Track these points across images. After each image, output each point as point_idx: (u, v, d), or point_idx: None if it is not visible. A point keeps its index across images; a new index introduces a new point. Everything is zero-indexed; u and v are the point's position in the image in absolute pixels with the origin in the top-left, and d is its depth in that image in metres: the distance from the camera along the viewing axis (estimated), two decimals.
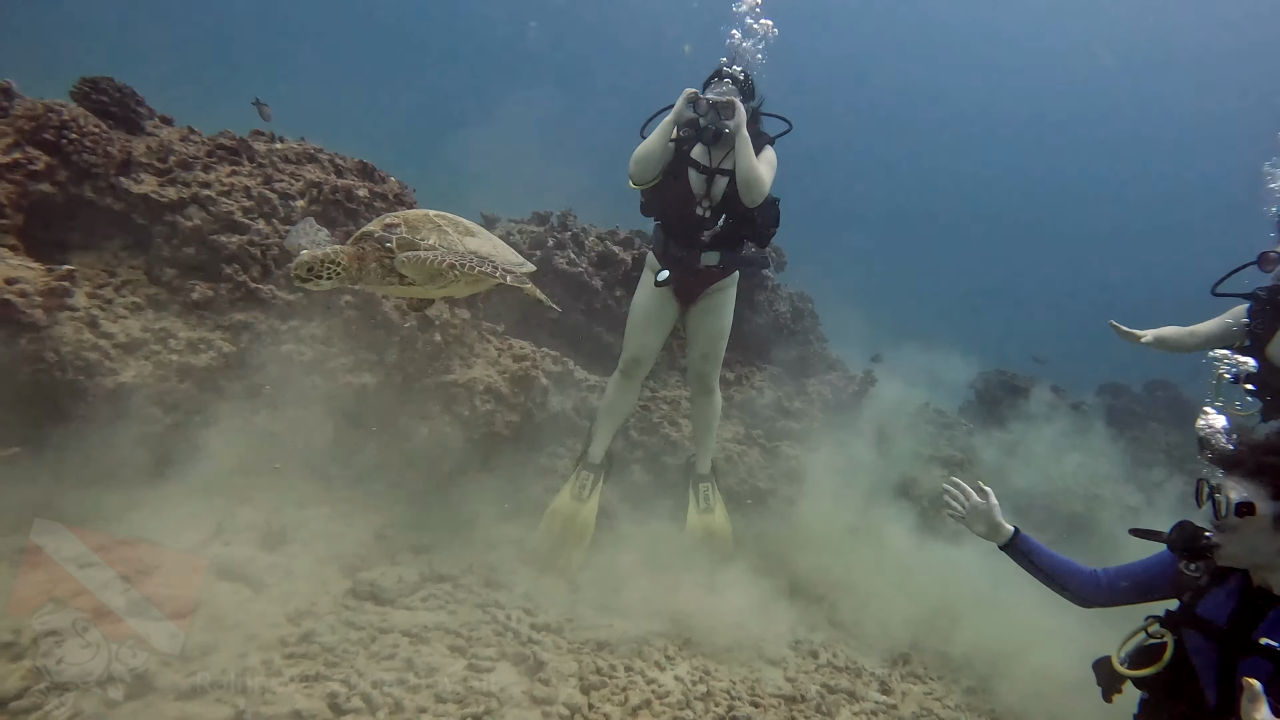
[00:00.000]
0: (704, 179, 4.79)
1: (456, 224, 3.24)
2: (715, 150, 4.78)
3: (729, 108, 4.57)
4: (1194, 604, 2.64)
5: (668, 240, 4.99)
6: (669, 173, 4.82)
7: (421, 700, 3.23)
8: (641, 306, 5.13)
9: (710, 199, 4.81)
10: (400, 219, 3.12)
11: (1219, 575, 2.62)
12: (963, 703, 4.49)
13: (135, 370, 4.03)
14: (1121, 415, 10.67)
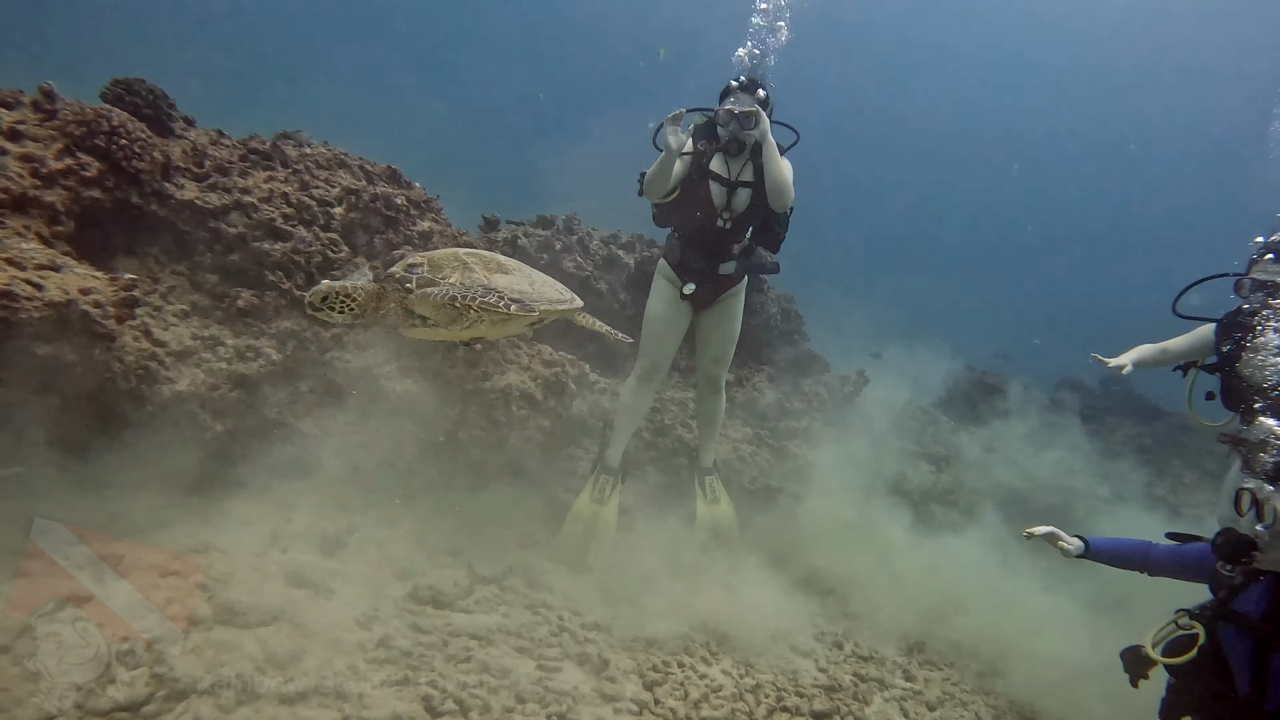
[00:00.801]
0: (725, 191, 4.92)
1: (487, 261, 3.14)
2: (733, 162, 4.91)
3: (751, 117, 4.70)
4: (1229, 600, 2.94)
5: (685, 250, 5.11)
6: (689, 186, 4.92)
7: (505, 700, 3.37)
8: (659, 315, 5.26)
9: (731, 210, 4.95)
10: (424, 259, 3.03)
11: (1252, 575, 2.93)
12: (977, 687, 4.80)
13: (190, 379, 4.05)
14: (1080, 409, 11.25)
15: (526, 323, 3.14)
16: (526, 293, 3.07)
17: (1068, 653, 5.02)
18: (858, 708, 4.16)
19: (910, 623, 5.31)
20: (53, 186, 3.80)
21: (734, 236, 5.03)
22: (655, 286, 5.36)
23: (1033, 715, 4.54)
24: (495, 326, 3.07)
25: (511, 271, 3.17)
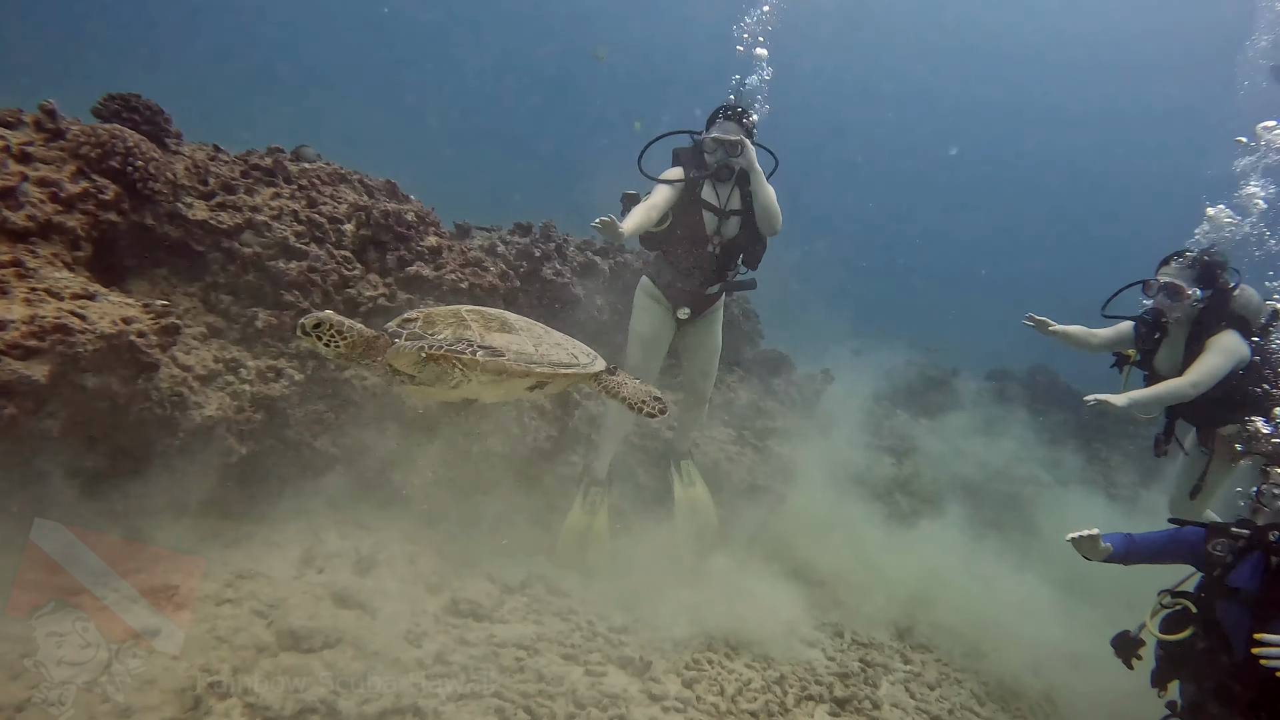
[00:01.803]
0: (716, 219, 5.11)
1: (489, 319, 2.89)
2: (722, 189, 5.10)
3: (736, 146, 4.90)
4: (1223, 577, 3.35)
5: (674, 273, 5.28)
6: (681, 214, 5.08)
7: (567, 707, 3.52)
8: (645, 335, 5.42)
9: (721, 236, 5.16)
10: (420, 314, 2.83)
11: (1241, 553, 3.34)
12: (965, 666, 5.18)
13: (218, 402, 4.01)
14: (1014, 398, 11.97)
15: (525, 385, 2.89)
16: (525, 353, 2.81)
17: (1041, 631, 5.51)
18: (870, 691, 4.47)
19: (896, 609, 5.68)
20: (72, 211, 3.71)
21: (722, 261, 5.25)
22: (641, 305, 5.49)
23: (1018, 690, 4.94)
24: (487, 387, 2.82)
25: (518, 330, 2.92)
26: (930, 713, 4.37)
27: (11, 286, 3.14)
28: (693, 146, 5.18)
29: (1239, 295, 4.68)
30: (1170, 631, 3.51)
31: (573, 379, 3.12)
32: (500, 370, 2.70)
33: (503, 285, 5.34)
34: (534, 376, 2.83)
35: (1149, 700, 4.53)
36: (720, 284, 5.37)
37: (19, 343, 2.90)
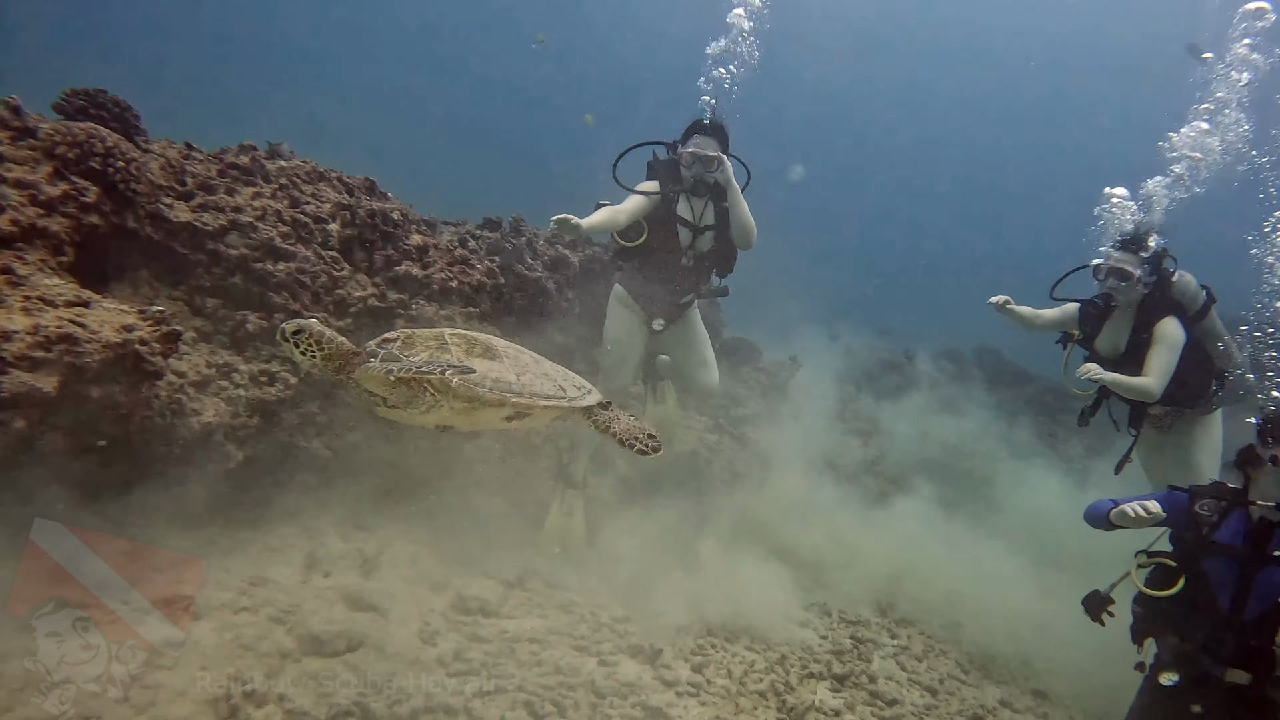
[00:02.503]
0: (691, 234, 5.25)
1: (471, 344, 2.77)
2: (697, 203, 5.22)
3: (713, 162, 5.01)
4: (1210, 535, 3.58)
5: (648, 285, 5.38)
6: (656, 228, 5.18)
7: (589, 697, 3.59)
8: (620, 341, 5.52)
9: (695, 250, 5.30)
10: (399, 334, 2.74)
11: (1226, 512, 3.58)
12: (946, 638, 5.41)
13: (214, 409, 3.93)
14: (964, 377, 12.40)
15: (501, 415, 2.76)
16: (503, 380, 2.67)
17: (1011, 600, 5.80)
18: (865, 666, 4.65)
19: (876, 587, 5.89)
20: (53, 215, 3.57)
21: (696, 273, 5.41)
22: (614, 312, 5.58)
23: (995, 657, 5.19)
24: (461, 415, 2.72)
25: (501, 358, 2.79)
26: (922, 683, 4.57)
27: (6, 295, 3.03)
28: (668, 160, 5.29)
29: (1177, 282, 4.97)
30: (1158, 588, 3.73)
31: (556, 412, 2.96)
32: (473, 397, 2.57)
33: (489, 282, 5.32)
34: (510, 406, 2.69)
35: (1111, 658, 4.88)
36: (693, 294, 5.49)
37: (26, 354, 2.80)
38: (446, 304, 4.94)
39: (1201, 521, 3.60)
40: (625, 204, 5.09)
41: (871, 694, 4.28)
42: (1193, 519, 3.64)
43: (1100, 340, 5.23)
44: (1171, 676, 3.59)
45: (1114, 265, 4.91)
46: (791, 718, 3.85)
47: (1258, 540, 3.41)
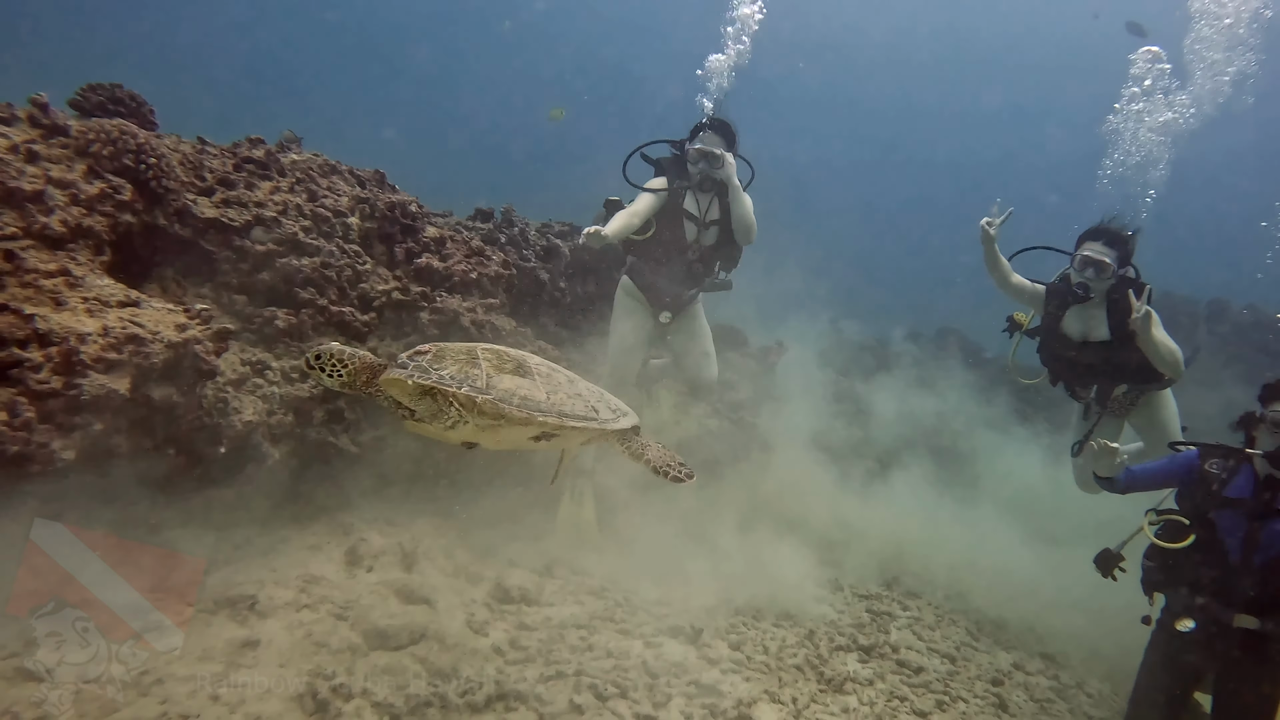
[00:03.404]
0: (697, 229, 5.40)
1: (503, 360, 2.69)
2: (703, 199, 5.37)
3: (718, 159, 5.16)
4: (1220, 491, 3.84)
5: (654, 277, 5.52)
6: (664, 223, 5.34)
7: (644, 678, 3.69)
8: (627, 333, 5.64)
9: (700, 245, 5.45)
10: (431, 347, 2.65)
11: (1235, 469, 3.84)
12: (954, 608, 5.66)
13: (253, 407, 3.91)
14: (929, 358, 12.77)
15: (528, 434, 2.65)
16: (531, 399, 2.56)
17: (1007, 568, 6.10)
18: (885, 638, 4.84)
19: (879, 562, 6.11)
20: (92, 214, 3.51)
21: (701, 267, 5.54)
22: (622, 304, 5.71)
23: (1002, 624, 5.46)
24: (486, 432, 2.62)
25: (533, 375, 2.69)
26: (940, 651, 4.79)
27: (66, 297, 2.99)
28: (675, 157, 5.43)
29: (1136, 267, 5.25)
30: (1171, 540, 3.98)
31: (586, 434, 2.81)
32: (498, 414, 2.48)
33: (505, 274, 5.35)
34: (536, 425, 2.57)
35: (1109, 622, 5.20)
36: (698, 288, 5.62)
37: (101, 356, 2.78)
38: (468, 296, 4.96)
39: (1211, 478, 3.87)
40: (637, 204, 5.23)
41: (898, 663, 4.48)
42: (1202, 476, 3.90)
43: (1066, 322, 5.39)
44: (1188, 623, 3.86)
45: (1094, 258, 5.08)
46: (831, 688, 4.02)
47: (1264, 494, 3.68)
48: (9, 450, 2.47)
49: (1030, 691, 4.48)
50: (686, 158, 5.27)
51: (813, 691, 3.95)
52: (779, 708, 3.73)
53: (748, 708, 3.58)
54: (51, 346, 2.70)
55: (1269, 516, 3.65)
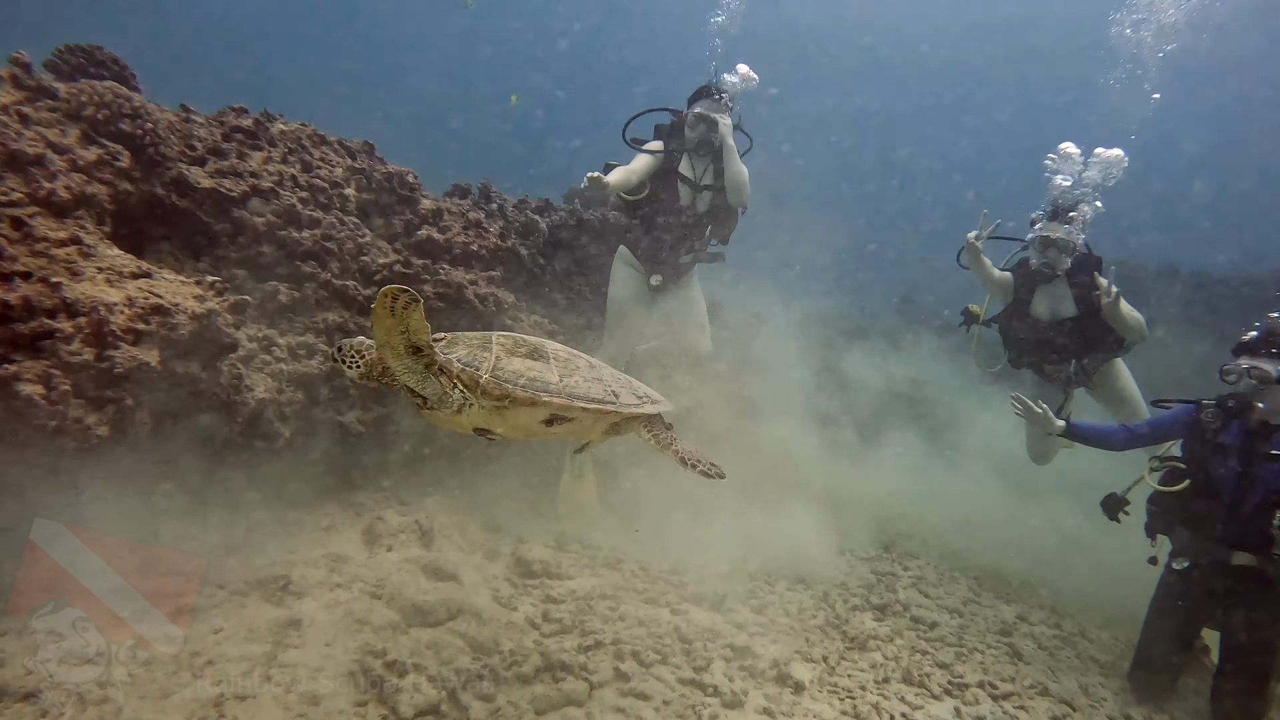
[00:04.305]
0: (691, 193, 5.47)
1: (515, 345, 2.58)
2: (699, 164, 5.44)
3: (715, 123, 5.23)
4: (1215, 438, 4.02)
5: (649, 241, 5.57)
6: (659, 185, 5.39)
7: (679, 644, 3.69)
8: (624, 299, 5.67)
9: (694, 210, 5.52)
10: (446, 336, 2.56)
11: (1225, 420, 4.02)
12: (952, 565, 5.79)
13: (264, 385, 3.75)
14: (897, 327, 13.01)
15: (539, 418, 2.52)
16: (539, 380, 2.44)
17: (996, 525, 6.28)
18: (894, 596, 4.94)
19: (875, 526, 6.24)
20: (92, 181, 3.31)
21: (696, 231, 5.60)
22: (617, 273, 5.73)
23: (1000, 579, 5.61)
24: (494, 415, 2.48)
25: (548, 359, 2.58)
26: (948, 606, 4.90)
27: (81, 267, 2.81)
28: (673, 124, 5.51)
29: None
30: (1171, 484, 4.17)
31: (602, 416, 2.63)
32: (502, 394, 2.37)
33: (503, 246, 5.24)
34: (542, 406, 2.43)
35: (1101, 573, 5.41)
36: (693, 254, 5.64)
37: (130, 327, 2.63)
38: (469, 269, 4.84)
39: (1206, 428, 4.05)
40: (635, 163, 5.32)
41: (913, 619, 4.57)
42: (1199, 425, 4.08)
43: (1035, 305, 5.58)
44: (1182, 562, 4.08)
45: (1057, 237, 5.26)
46: (856, 645, 4.08)
47: (1255, 440, 3.87)
48: (47, 425, 2.31)
49: (1038, 641, 4.61)
50: (685, 122, 5.33)
51: (840, 650, 4.00)
52: (812, 665, 3.76)
53: (785, 666, 3.61)
54: (80, 317, 2.54)
55: (1260, 461, 3.85)
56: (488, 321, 4.74)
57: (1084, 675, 4.24)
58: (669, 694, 3.23)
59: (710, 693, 3.30)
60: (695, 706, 3.16)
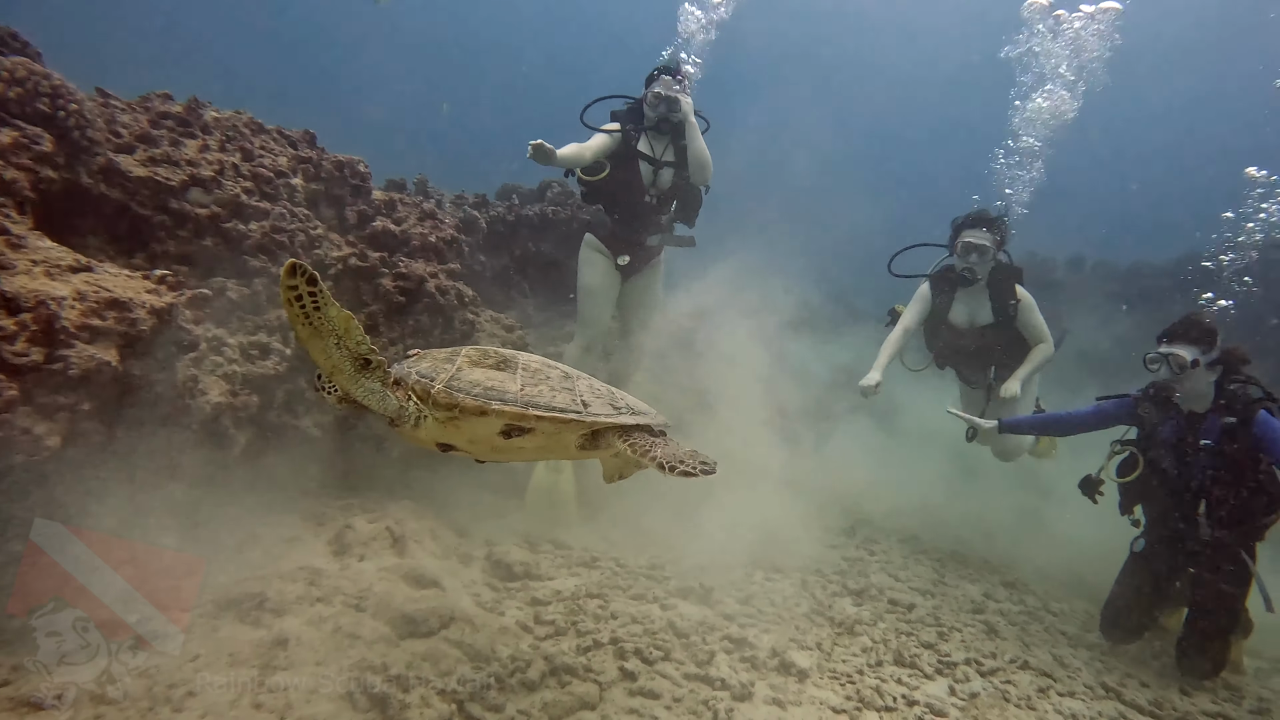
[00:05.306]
0: (652, 170, 5.40)
1: (482, 357, 2.42)
2: (658, 142, 5.39)
3: (676, 101, 5.20)
4: (1154, 432, 4.21)
5: (615, 225, 5.52)
6: (619, 165, 5.31)
7: (676, 639, 3.57)
8: (595, 286, 5.57)
9: (657, 188, 5.46)
10: (417, 351, 2.48)
11: (1164, 413, 4.21)
12: (913, 549, 5.87)
13: (218, 388, 3.44)
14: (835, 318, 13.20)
15: (494, 429, 2.30)
16: (496, 390, 2.26)
17: (949, 509, 6.42)
18: (867, 580, 4.96)
19: (834, 513, 6.28)
20: (8, 167, 2.96)
21: (659, 210, 5.53)
22: (587, 259, 5.62)
23: (962, 559, 5.72)
24: (448, 428, 2.31)
25: (513, 369, 2.40)
26: (919, 589, 4.95)
27: (12, 260, 2.49)
28: (628, 108, 5.46)
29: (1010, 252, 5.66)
30: (1125, 475, 4.35)
31: (568, 427, 2.36)
32: (451, 404, 2.20)
33: (461, 238, 5.02)
34: (494, 416, 2.23)
35: (1053, 548, 5.58)
36: (659, 234, 5.57)
37: (85, 323, 2.33)
38: (426, 262, 4.60)
39: (1144, 421, 4.26)
40: (591, 141, 5.24)
41: (890, 602, 4.58)
42: (1140, 420, 4.29)
43: (954, 312, 5.74)
44: (1140, 542, 4.29)
45: (976, 242, 5.41)
46: (844, 630, 4.06)
47: (1187, 431, 4.12)
48: None
49: (1007, 617, 4.70)
50: (645, 101, 5.30)
51: (831, 635, 3.97)
52: (809, 653, 3.71)
53: (784, 655, 3.54)
54: (24, 313, 2.23)
55: (1193, 451, 4.06)
56: (449, 315, 4.51)
57: (1055, 647, 4.33)
58: (678, 690, 3.12)
59: (718, 686, 3.20)
60: (708, 701, 3.05)
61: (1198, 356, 4.02)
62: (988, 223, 5.44)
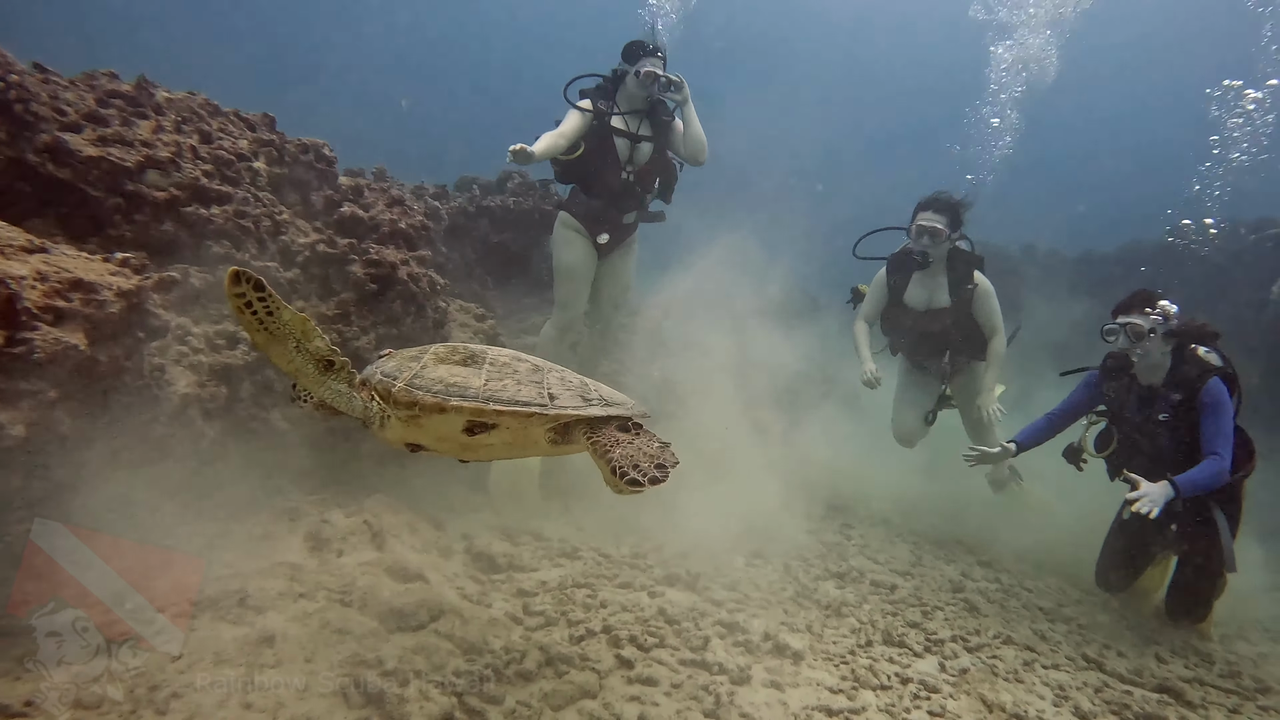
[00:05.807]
0: (629, 146, 5.29)
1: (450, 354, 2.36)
2: (632, 119, 5.28)
3: (681, 84, 5.14)
4: (1121, 410, 4.32)
5: (591, 202, 5.39)
6: (594, 143, 5.20)
7: (668, 626, 3.51)
8: (572, 265, 5.45)
9: (634, 164, 5.34)
10: (390, 351, 2.47)
11: (1126, 391, 4.32)
12: (888, 533, 5.91)
13: (185, 379, 3.27)
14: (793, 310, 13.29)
15: (456, 426, 2.23)
16: (456, 385, 2.19)
17: (919, 490, 6.49)
18: (848, 563, 4.97)
19: (806, 498, 6.28)
20: None
21: (636, 187, 5.42)
22: (563, 238, 5.49)
23: (938, 541, 5.77)
24: (411, 427, 2.25)
25: (479, 364, 2.33)
26: (898, 570, 4.98)
27: None
28: (598, 85, 5.32)
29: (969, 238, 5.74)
30: (1101, 448, 4.45)
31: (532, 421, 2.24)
32: (410, 401, 2.14)
33: (430, 225, 4.87)
34: (453, 412, 2.15)
35: (1019, 527, 5.68)
36: (635, 212, 5.48)
37: (48, 304, 2.17)
38: (397, 249, 4.45)
39: (1110, 400, 4.38)
40: (564, 125, 5.09)
41: (873, 584, 4.60)
42: (1106, 398, 4.40)
43: (910, 294, 5.80)
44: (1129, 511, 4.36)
45: (927, 225, 5.47)
46: (831, 612, 4.05)
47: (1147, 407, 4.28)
48: None
49: (985, 595, 4.75)
50: (640, 81, 5.12)
51: (820, 618, 3.96)
52: (800, 635, 3.68)
53: (777, 638, 3.51)
54: None
55: (1154, 426, 4.18)
56: (421, 304, 4.37)
57: (1034, 623, 4.39)
58: (676, 676, 3.06)
59: (716, 671, 3.15)
60: (707, 686, 3.00)
61: (1154, 326, 4.12)
62: (944, 206, 5.48)
